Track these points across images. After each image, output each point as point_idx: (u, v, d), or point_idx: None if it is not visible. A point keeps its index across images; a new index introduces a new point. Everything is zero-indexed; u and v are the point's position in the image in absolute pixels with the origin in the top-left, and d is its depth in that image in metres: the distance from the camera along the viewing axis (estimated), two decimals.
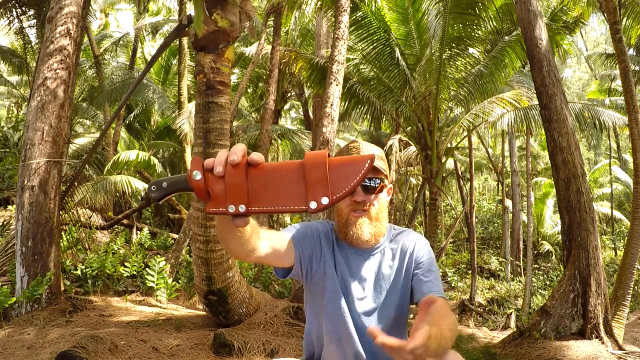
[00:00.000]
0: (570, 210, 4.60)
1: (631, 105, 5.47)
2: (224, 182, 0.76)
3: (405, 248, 1.39)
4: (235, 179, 0.75)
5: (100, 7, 17.15)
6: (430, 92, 7.76)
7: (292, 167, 0.76)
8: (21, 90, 15.12)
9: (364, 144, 1.34)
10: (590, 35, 32.05)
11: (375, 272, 1.36)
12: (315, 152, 0.77)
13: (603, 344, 4.16)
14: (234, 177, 0.75)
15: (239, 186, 0.75)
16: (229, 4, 3.46)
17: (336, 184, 0.73)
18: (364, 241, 1.32)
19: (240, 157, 0.78)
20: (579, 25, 9.88)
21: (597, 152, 28.44)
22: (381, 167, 1.31)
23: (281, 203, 0.75)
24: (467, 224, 12.67)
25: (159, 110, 12.23)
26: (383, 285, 1.35)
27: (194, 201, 3.72)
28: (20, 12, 8.30)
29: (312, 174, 0.74)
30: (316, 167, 0.73)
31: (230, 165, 0.77)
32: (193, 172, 0.77)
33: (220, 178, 0.77)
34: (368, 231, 1.32)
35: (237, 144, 0.82)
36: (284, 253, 1.24)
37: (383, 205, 1.36)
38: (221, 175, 0.76)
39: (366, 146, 1.33)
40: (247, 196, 0.75)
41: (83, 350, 2.82)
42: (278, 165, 0.77)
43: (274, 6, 8.11)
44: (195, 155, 3.72)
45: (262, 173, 0.76)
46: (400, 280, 1.36)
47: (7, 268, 5.15)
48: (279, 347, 3.48)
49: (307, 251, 1.32)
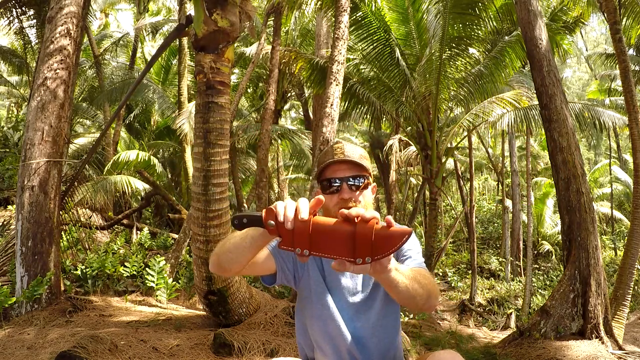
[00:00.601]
0: (570, 210, 4.60)
1: (631, 105, 5.48)
2: (292, 231, 0.97)
3: None
4: (302, 232, 0.97)
5: (100, 7, 17.15)
6: (430, 92, 7.76)
7: (346, 228, 0.96)
8: (21, 90, 15.12)
9: (347, 145, 1.40)
10: (590, 35, 32.05)
11: None
12: (366, 222, 0.95)
13: (603, 344, 4.16)
14: (300, 230, 0.97)
15: (304, 236, 0.97)
16: (229, 4, 3.46)
17: (378, 249, 0.94)
18: None
19: (307, 216, 0.97)
20: (579, 25, 9.88)
21: (597, 152, 28.44)
22: (366, 165, 1.37)
23: (336, 253, 0.96)
24: (467, 224, 12.68)
25: (159, 110, 12.23)
26: (372, 279, 1.38)
27: (194, 201, 3.72)
28: (20, 12, 8.29)
29: (361, 240, 0.94)
30: (365, 236, 0.94)
31: (300, 221, 0.97)
32: (268, 222, 1.00)
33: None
34: None
35: (303, 200, 0.99)
36: (261, 265, 1.32)
37: (369, 201, 1.40)
38: (291, 229, 0.97)
39: (349, 147, 1.39)
40: (310, 244, 0.97)
41: (83, 350, 2.82)
42: (335, 224, 0.98)
43: (274, 6, 8.11)
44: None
45: (322, 228, 0.97)
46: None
47: (7, 268, 5.14)
48: (279, 347, 3.48)
49: (289, 258, 1.38)
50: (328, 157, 1.37)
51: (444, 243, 10.77)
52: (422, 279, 1.16)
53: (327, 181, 1.36)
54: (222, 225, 3.70)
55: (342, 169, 1.35)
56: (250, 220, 1.05)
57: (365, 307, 1.38)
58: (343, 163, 1.35)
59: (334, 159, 1.35)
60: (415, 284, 1.11)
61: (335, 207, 1.34)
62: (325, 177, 1.36)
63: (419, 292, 1.12)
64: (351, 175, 1.35)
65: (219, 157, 3.59)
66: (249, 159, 13.16)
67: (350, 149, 1.39)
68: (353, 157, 1.35)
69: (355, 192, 1.35)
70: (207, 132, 3.54)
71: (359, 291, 1.39)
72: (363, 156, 1.39)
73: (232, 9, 3.49)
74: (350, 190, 1.34)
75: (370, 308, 1.38)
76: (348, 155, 1.36)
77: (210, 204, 3.59)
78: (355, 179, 1.35)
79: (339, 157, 1.35)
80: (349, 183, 1.34)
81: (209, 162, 3.55)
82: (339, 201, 1.34)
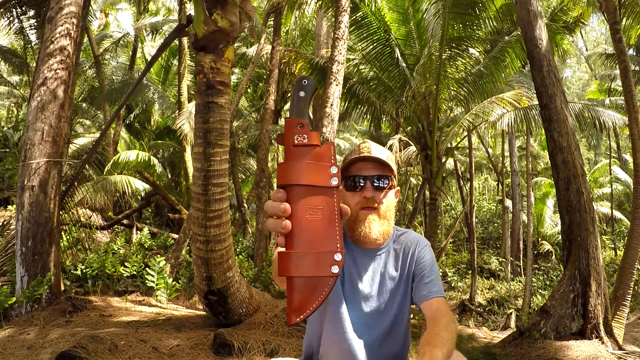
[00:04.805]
0: (570, 210, 4.60)
1: (631, 105, 5.48)
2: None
3: (408, 249, 1.41)
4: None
5: (100, 7, 17.13)
6: (430, 92, 7.75)
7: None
8: (21, 90, 15.11)
9: (374, 145, 1.37)
10: (590, 35, 32.05)
11: (381, 272, 1.38)
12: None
13: (603, 344, 4.16)
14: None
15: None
16: (229, 4, 3.46)
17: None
18: (372, 240, 1.33)
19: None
20: (579, 25, 9.88)
21: (597, 152, 28.43)
22: (392, 166, 1.34)
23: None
24: (467, 224, 12.68)
25: (159, 110, 12.22)
26: (388, 285, 1.37)
27: (194, 201, 3.72)
28: (20, 12, 8.29)
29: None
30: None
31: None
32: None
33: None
34: (377, 229, 1.33)
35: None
36: None
37: (391, 204, 1.38)
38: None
39: (376, 147, 1.36)
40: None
41: (83, 350, 2.82)
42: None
43: (274, 6, 8.11)
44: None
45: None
46: (403, 280, 1.38)
47: (7, 268, 5.14)
48: (279, 347, 3.48)
49: None
50: (354, 155, 1.35)
51: (444, 243, 10.77)
52: (449, 335, 1.17)
53: (352, 179, 1.33)
54: (222, 225, 3.70)
55: (367, 167, 1.33)
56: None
57: (377, 314, 1.35)
58: (369, 161, 1.34)
59: (360, 155, 1.33)
60: (449, 354, 1.12)
61: (356, 205, 1.32)
62: (350, 174, 1.34)
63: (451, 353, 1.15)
64: (376, 174, 1.33)
65: (219, 157, 3.59)
66: (249, 159, 13.16)
67: (377, 149, 1.36)
68: (380, 157, 1.33)
69: (379, 192, 1.33)
70: (207, 132, 3.54)
71: (374, 297, 1.35)
72: (389, 157, 1.36)
73: (232, 9, 3.49)
74: (374, 189, 1.32)
75: (382, 316, 1.35)
76: (375, 154, 1.33)
77: (210, 204, 3.59)
78: (380, 179, 1.32)
79: (366, 155, 1.33)
80: (373, 183, 1.32)
81: (209, 162, 3.55)
82: (360, 200, 1.32)
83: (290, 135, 0.79)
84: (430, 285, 1.32)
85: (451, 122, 10.30)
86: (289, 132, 0.79)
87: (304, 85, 0.84)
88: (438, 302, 1.29)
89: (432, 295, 1.31)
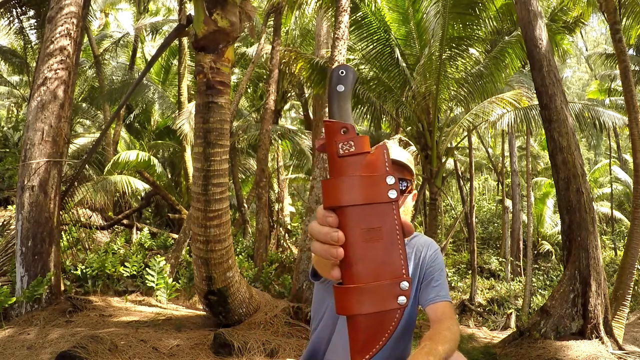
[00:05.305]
0: (570, 210, 4.60)
1: (631, 105, 5.48)
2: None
3: (419, 252, 1.41)
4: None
5: (100, 7, 17.13)
6: (430, 92, 7.75)
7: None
8: (21, 90, 15.11)
9: (394, 146, 1.35)
10: (590, 35, 32.04)
11: None
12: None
13: (603, 344, 4.16)
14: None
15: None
16: (229, 4, 3.46)
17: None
18: None
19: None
20: (579, 25, 9.88)
21: (597, 152, 28.43)
22: (411, 169, 1.32)
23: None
24: (467, 224, 12.68)
25: (159, 110, 12.22)
26: None
27: (194, 201, 3.72)
28: (20, 12, 8.29)
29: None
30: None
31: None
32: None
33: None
34: None
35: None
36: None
37: (408, 208, 1.36)
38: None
39: (395, 148, 1.34)
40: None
41: (83, 350, 2.82)
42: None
43: (274, 6, 8.11)
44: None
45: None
46: (414, 283, 1.38)
47: (7, 268, 5.14)
48: (279, 347, 3.48)
49: None
50: None
51: (444, 243, 10.77)
52: (452, 335, 1.16)
53: None
54: (222, 225, 3.70)
55: None
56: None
57: None
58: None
59: None
60: (449, 353, 1.11)
61: None
62: None
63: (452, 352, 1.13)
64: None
65: (219, 157, 3.59)
66: (249, 159, 13.15)
67: (397, 150, 1.33)
68: (399, 159, 1.30)
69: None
70: (207, 132, 3.54)
71: None
72: (409, 160, 1.33)
73: (232, 9, 3.49)
74: None
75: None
76: (394, 156, 1.30)
77: (210, 204, 3.59)
78: (399, 182, 1.29)
79: None
80: None
81: (209, 162, 3.55)
82: None
83: (334, 143, 0.65)
84: (437, 288, 1.33)
85: (451, 122, 10.30)
86: (331, 140, 0.65)
87: (342, 77, 0.68)
88: (444, 306, 1.30)
89: (440, 299, 1.31)
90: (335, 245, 0.63)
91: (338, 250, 0.63)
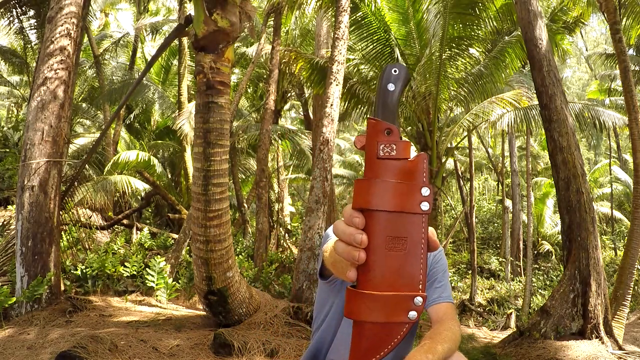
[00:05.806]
0: (570, 210, 4.60)
1: (631, 105, 5.48)
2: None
3: None
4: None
5: (100, 7, 17.14)
6: (430, 92, 7.76)
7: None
8: (21, 90, 15.11)
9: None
10: (590, 35, 32.03)
11: None
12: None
13: (603, 344, 4.16)
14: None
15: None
16: (229, 4, 3.46)
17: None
18: None
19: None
20: (579, 25, 9.89)
21: (597, 152, 28.42)
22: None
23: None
24: (467, 224, 12.68)
25: (159, 110, 12.22)
26: None
27: (194, 201, 3.72)
28: (20, 12, 8.29)
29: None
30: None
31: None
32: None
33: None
34: None
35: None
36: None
37: None
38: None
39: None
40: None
41: (83, 350, 2.82)
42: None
43: (274, 6, 8.11)
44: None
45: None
46: None
47: (7, 268, 5.14)
48: (279, 347, 3.48)
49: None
50: None
51: (443, 243, 10.77)
52: (452, 335, 1.17)
53: None
54: (222, 225, 3.70)
55: None
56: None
57: None
58: None
59: None
60: (449, 352, 1.12)
61: None
62: None
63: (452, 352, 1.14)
64: None
65: (219, 157, 3.59)
66: (249, 159, 13.15)
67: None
68: None
69: None
70: (207, 132, 3.54)
71: None
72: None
73: (232, 9, 3.49)
74: None
75: None
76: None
77: (210, 204, 3.59)
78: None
79: None
80: None
81: (209, 162, 3.55)
82: None
83: (374, 143, 0.63)
84: (440, 289, 1.34)
85: (451, 122, 10.31)
86: (372, 140, 0.63)
87: (394, 75, 0.66)
88: (446, 307, 1.31)
89: (442, 300, 1.32)
90: (358, 248, 0.61)
91: (360, 254, 0.61)
